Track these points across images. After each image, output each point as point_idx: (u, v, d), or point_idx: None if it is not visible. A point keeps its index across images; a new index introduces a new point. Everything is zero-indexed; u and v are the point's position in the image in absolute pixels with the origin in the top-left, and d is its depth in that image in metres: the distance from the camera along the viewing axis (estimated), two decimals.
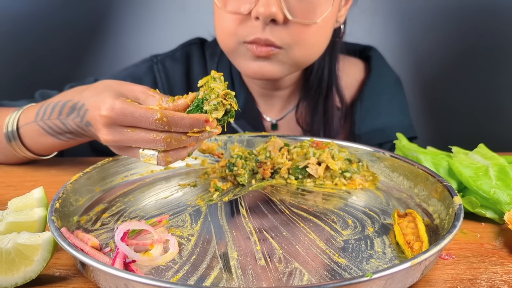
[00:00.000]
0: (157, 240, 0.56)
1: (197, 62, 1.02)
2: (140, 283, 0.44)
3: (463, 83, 1.41)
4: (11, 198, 0.61)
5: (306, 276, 0.51)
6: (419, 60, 1.41)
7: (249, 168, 0.77)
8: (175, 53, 1.04)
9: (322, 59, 0.97)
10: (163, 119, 0.57)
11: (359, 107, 1.01)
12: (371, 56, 1.06)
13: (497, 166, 0.70)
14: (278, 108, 1.03)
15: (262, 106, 1.03)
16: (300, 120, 1.01)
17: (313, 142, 0.78)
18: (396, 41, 1.40)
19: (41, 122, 0.76)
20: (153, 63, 1.02)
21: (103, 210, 0.66)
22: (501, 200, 0.65)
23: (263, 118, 1.02)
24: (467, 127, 1.42)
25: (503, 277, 0.54)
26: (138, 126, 0.59)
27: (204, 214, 0.65)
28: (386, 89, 1.05)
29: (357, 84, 1.05)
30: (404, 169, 0.72)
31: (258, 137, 0.82)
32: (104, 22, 1.40)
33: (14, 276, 0.50)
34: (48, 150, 0.81)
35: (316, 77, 0.98)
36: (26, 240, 0.52)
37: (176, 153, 0.60)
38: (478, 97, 1.42)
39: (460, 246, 0.60)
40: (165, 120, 0.57)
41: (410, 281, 0.49)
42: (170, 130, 0.57)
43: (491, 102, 1.42)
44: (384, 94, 1.04)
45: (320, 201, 0.69)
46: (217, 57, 1.01)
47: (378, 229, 0.61)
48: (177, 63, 1.02)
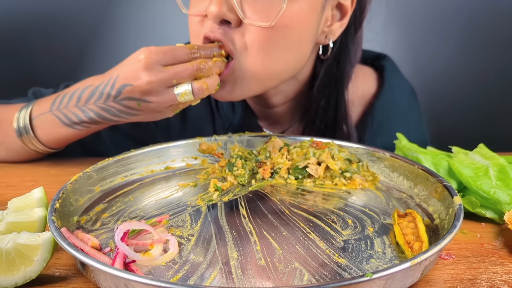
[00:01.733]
0: (157, 240, 0.56)
1: None
2: (140, 283, 0.44)
3: (463, 83, 1.41)
4: (11, 198, 0.61)
5: (306, 276, 0.51)
6: (419, 60, 1.42)
7: (249, 168, 0.77)
8: None
9: (324, 82, 0.88)
10: (194, 46, 0.72)
11: (370, 123, 0.93)
12: (385, 66, 0.97)
13: (497, 166, 0.70)
14: (280, 122, 0.97)
15: (262, 121, 0.97)
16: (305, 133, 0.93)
17: (313, 142, 0.78)
18: (396, 42, 1.40)
19: (57, 112, 0.77)
20: None
21: (103, 210, 0.66)
22: (501, 200, 0.65)
23: (263, 132, 0.96)
24: (467, 127, 1.42)
25: (503, 277, 0.54)
26: (175, 61, 0.70)
27: (204, 214, 0.65)
28: (399, 104, 0.96)
29: (368, 97, 0.96)
30: (404, 169, 0.72)
31: (258, 137, 0.82)
32: (104, 22, 1.40)
33: (14, 276, 0.50)
34: (60, 141, 0.82)
35: (317, 112, 0.89)
36: (26, 240, 0.52)
37: (208, 80, 0.72)
38: (478, 97, 1.42)
39: (460, 246, 0.60)
40: (195, 47, 0.72)
41: (410, 281, 0.49)
42: (201, 56, 0.72)
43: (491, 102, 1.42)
44: (397, 110, 0.96)
45: (320, 201, 0.69)
46: None
47: (378, 229, 0.61)
48: None
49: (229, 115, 0.94)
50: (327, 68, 0.88)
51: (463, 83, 1.41)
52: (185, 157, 0.80)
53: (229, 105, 0.94)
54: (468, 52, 1.39)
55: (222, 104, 0.95)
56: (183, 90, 0.71)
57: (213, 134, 0.82)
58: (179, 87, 0.71)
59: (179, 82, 0.71)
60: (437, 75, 1.42)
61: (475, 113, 1.42)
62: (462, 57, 1.39)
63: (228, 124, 0.95)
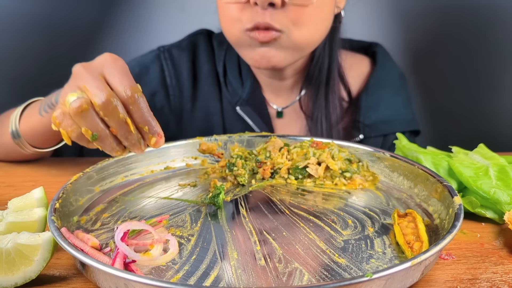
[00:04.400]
0: (157, 240, 0.56)
1: (203, 51, 1.04)
2: (140, 283, 0.44)
3: (463, 83, 1.41)
4: (11, 198, 0.61)
5: (306, 276, 0.51)
6: (420, 60, 1.41)
7: (249, 168, 0.77)
8: (182, 43, 1.05)
9: (322, 47, 0.98)
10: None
11: (364, 98, 1.03)
12: (377, 51, 1.08)
13: (497, 166, 0.70)
14: (284, 96, 1.05)
15: (268, 94, 1.04)
16: (304, 107, 1.03)
17: (313, 142, 0.78)
18: (395, 39, 1.40)
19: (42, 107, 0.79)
20: (159, 52, 1.03)
21: (103, 210, 0.66)
22: (501, 200, 0.65)
23: (269, 105, 1.04)
24: (467, 127, 1.42)
25: (503, 277, 0.54)
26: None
27: (204, 214, 0.65)
28: (391, 82, 1.07)
29: (363, 77, 1.07)
30: (404, 169, 0.72)
31: (258, 137, 0.82)
32: (104, 22, 1.40)
33: (14, 276, 0.50)
34: (32, 130, 0.81)
35: (317, 65, 0.99)
36: (26, 240, 0.52)
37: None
38: (478, 97, 1.42)
39: (460, 246, 0.60)
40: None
41: (410, 281, 0.49)
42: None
43: (491, 102, 1.42)
44: (389, 87, 1.06)
45: (320, 201, 0.69)
46: (225, 46, 1.03)
47: (378, 229, 0.61)
48: (184, 51, 1.03)
49: (238, 89, 1.02)
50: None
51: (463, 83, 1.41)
52: (185, 157, 0.80)
53: (238, 81, 1.02)
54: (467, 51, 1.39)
55: (231, 80, 1.02)
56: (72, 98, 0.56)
57: (220, 111, 0.83)
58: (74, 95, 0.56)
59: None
60: (437, 74, 1.42)
61: (475, 113, 1.42)
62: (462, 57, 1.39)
63: (237, 99, 1.02)
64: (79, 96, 0.56)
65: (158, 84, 1.01)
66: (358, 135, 1.02)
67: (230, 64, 1.03)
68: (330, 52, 0.99)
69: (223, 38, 1.02)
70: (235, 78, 1.02)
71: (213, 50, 1.05)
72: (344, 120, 1.03)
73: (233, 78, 1.02)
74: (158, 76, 1.01)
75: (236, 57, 1.02)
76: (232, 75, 1.02)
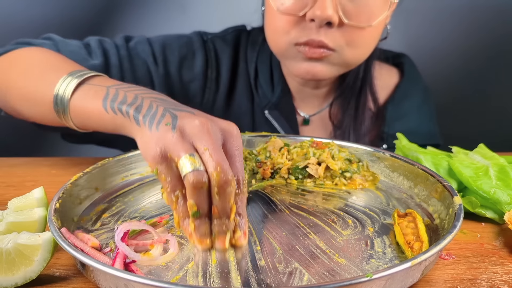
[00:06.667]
0: (157, 240, 0.56)
1: (243, 49, 1.03)
2: (140, 283, 0.44)
3: (463, 83, 1.41)
4: (11, 198, 0.61)
5: (306, 276, 0.51)
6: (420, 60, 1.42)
7: (249, 168, 0.77)
8: (226, 35, 1.03)
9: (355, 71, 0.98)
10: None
11: (390, 109, 1.03)
12: (404, 62, 1.09)
13: (497, 166, 0.70)
14: (313, 104, 1.05)
15: (297, 101, 1.04)
16: (332, 116, 1.02)
17: (313, 142, 0.78)
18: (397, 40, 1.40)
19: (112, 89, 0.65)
20: (205, 40, 1.01)
21: (103, 210, 0.66)
22: (501, 200, 0.65)
23: (297, 112, 1.04)
24: (467, 127, 1.42)
25: (503, 277, 0.54)
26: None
27: None
28: (417, 94, 1.07)
29: (391, 88, 1.07)
30: (404, 169, 0.72)
31: (258, 137, 0.82)
32: (104, 22, 1.40)
33: (14, 276, 0.50)
34: (84, 116, 0.68)
35: (353, 75, 0.99)
36: (26, 240, 0.52)
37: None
38: (478, 97, 1.42)
39: (460, 246, 0.60)
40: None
41: (410, 281, 0.49)
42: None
43: (491, 102, 1.42)
44: (415, 99, 1.07)
45: (320, 201, 0.69)
46: (258, 46, 1.02)
47: (378, 229, 0.61)
48: (227, 45, 1.02)
49: (268, 94, 1.01)
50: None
51: (463, 83, 1.41)
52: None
53: (269, 85, 1.01)
54: (468, 51, 1.39)
55: (262, 84, 1.02)
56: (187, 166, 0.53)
57: (251, 111, 0.83)
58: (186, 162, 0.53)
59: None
60: (437, 74, 1.42)
61: (475, 113, 1.42)
62: (462, 57, 1.40)
63: (266, 102, 1.01)
64: (196, 167, 0.52)
65: (200, 73, 0.99)
66: (382, 144, 1.02)
67: (262, 68, 1.01)
68: (367, 63, 0.99)
69: (256, 38, 1.02)
70: (266, 82, 1.01)
71: (247, 50, 1.04)
72: (371, 132, 1.03)
73: (264, 81, 1.01)
74: (201, 65, 0.99)
75: (268, 61, 1.02)
76: (264, 78, 1.01)
